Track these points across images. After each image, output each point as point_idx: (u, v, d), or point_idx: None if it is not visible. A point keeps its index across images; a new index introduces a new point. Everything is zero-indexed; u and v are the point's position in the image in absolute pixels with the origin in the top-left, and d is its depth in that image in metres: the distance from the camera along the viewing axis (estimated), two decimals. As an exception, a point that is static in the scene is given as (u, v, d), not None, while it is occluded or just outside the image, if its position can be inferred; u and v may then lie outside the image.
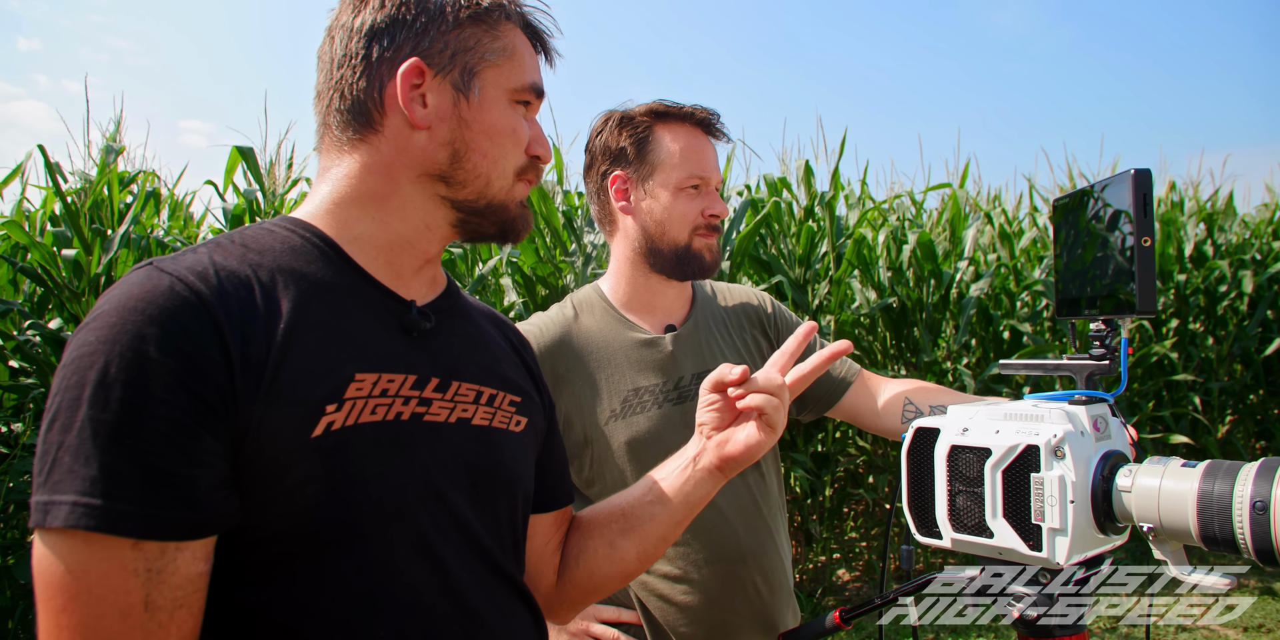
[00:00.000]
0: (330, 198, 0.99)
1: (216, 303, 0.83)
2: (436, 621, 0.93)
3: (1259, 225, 7.87)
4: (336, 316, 0.92)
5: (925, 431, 1.12)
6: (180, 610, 0.79)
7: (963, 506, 1.07)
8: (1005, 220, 6.83)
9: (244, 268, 0.88)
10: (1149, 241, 1.01)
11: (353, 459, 0.88)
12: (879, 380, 1.79)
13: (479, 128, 0.99)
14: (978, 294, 5.57)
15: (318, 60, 1.02)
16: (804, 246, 5.39)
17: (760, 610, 1.62)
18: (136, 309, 0.80)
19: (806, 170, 5.78)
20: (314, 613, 0.86)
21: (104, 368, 0.77)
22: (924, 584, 1.18)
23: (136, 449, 0.76)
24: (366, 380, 0.90)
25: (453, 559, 0.96)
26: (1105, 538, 1.03)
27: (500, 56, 1.00)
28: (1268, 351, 6.86)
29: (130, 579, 0.76)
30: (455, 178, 0.99)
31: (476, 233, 1.04)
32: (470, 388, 1.02)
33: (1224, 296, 6.93)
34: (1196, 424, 6.59)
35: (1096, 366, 1.11)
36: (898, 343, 5.76)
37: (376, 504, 0.89)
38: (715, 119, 1.69)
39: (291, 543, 0.85)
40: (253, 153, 4.61)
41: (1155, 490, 0.97)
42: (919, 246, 5.55)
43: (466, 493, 0.99)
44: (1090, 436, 1.02)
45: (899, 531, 5.16)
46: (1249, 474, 0.91)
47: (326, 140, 1.01)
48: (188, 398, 0.79)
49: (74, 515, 0.74)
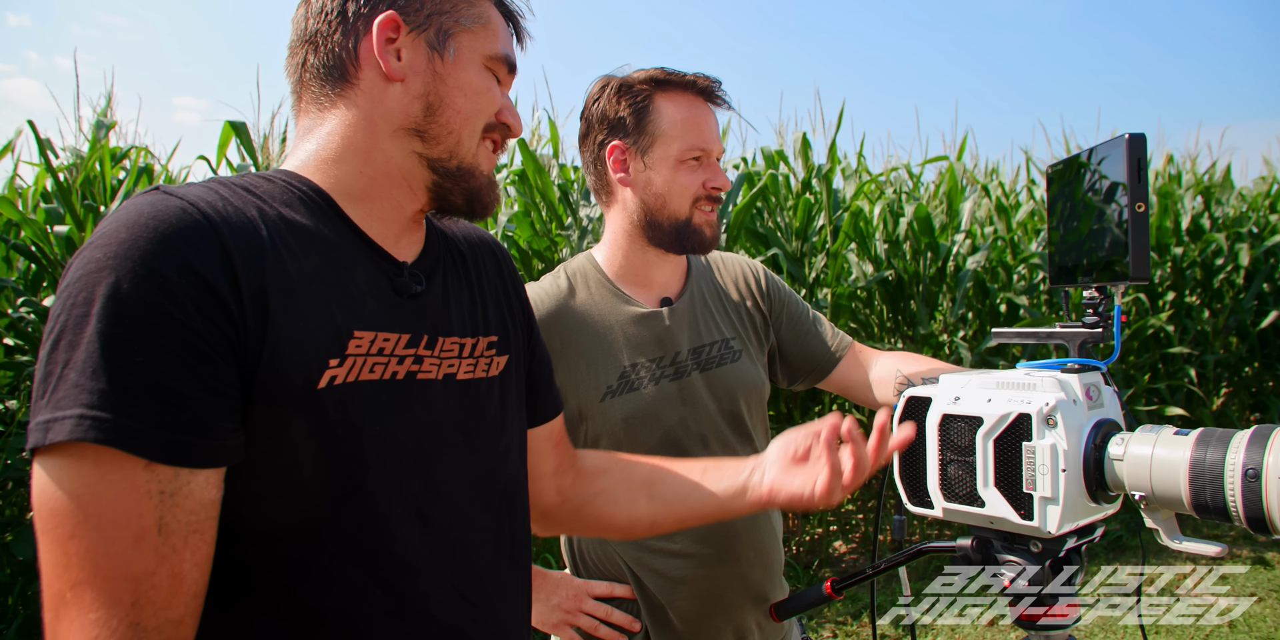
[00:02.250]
0: (317, 154, 0.98)
1: (227, 232, 0.81)
2: (431, 579, 0.93)
3: (1256, 198, 7.85)
4: (334, 270, 0.91)
5: (917, 400, 1.12)
6: (194, 535, 0.76)
7: (954, 476, 1.07)
8: (1002, 193, 6.81)
9: (249, 208, 0.87)
10: (1143, 207, 0.99)
11: (355, 416, 0.87)
12: (871, 352, 1.79)
13: (453, 83, 0.99)
14: (974, 267, 5.56)
15: (292, 24, 1.02)
16: (801, 219, 5.36)
17: (754, 584, 1.62)
18: (149, 226, 0.77)
19: (804, 143, 5.74)
20: (312, 569, 0.85)
21: (115, 283, 0.74)
22: (914, 554, 1.18)
23: (148, 367, 0.73)
24: (364, 338, 0.90)
25: (446, 517, 0.96)
26: (1097, 506, 1.03)
27: (475, 23, 1.01)
28: (1263, 324, 6.87)
29: (143, 501, 0.73)
30: (429, 132, 0.99)
31: (446, 201, 1.04)
32: (454, 342, 1.02)
33: (1220, 269, 6.92)
34: (1192, 396, 6.60)
35: (1089, 334, 1.10)
36: (894, 316, 5.76)
37: (377, 462, 0.89)
38: (717, 87, 1.65)
39: (292, 498, 0.84)
40: (245, 127, 4.56)
41: (1148, 458, 0.96)
42: (916, 219, 5.53)
43: (460, 448, 0.99)
44: (1083, 405, 1.01)
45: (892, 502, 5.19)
46: (1241, 442, 0.91)
47: (304, 99, 1.00)
48: (202, 321, 0.76)
49: (80, 427, 0.71)
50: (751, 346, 1.74)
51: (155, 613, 0.74)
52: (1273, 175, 8.15)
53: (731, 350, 1.69)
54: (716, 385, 1.64)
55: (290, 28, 1.02)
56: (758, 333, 1.77)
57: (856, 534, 5.59)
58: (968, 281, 5.53)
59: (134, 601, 0.73)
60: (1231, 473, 0.90)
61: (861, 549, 5.45)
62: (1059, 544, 1.04)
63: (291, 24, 1.02)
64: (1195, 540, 0.98)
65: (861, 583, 1.24)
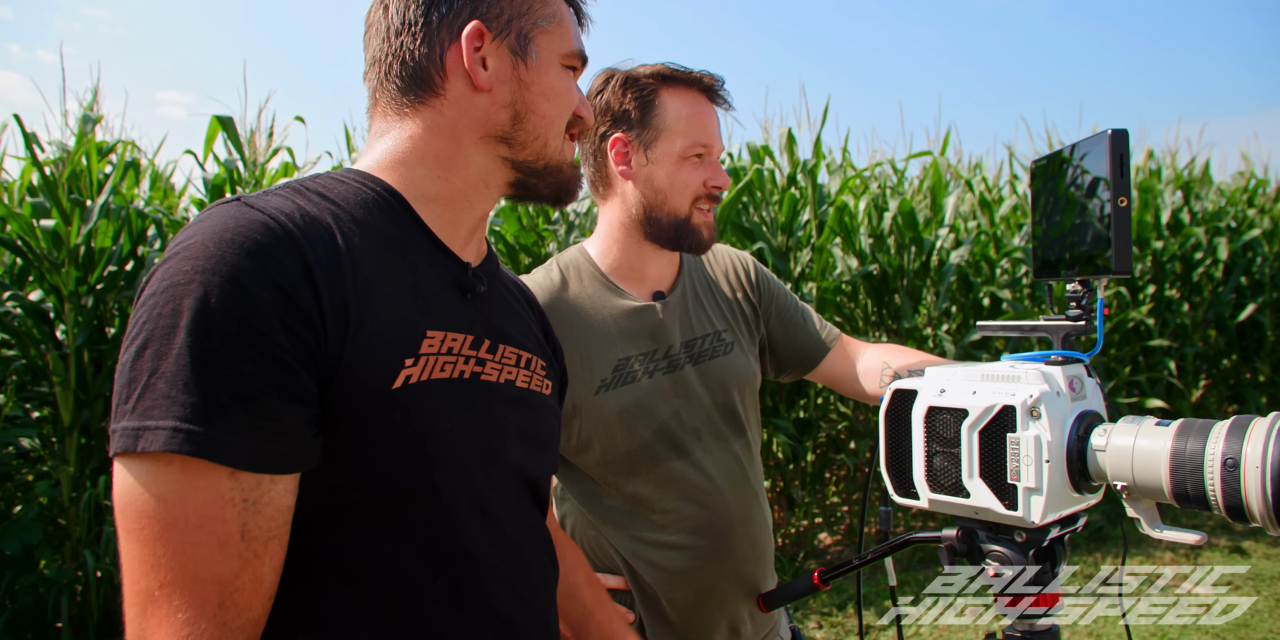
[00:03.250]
0: (393, 156, 1.00)
1: (307, 244, 0.83)
2: (488, 572, 0.96)
3: (1234, 193, 7.94)
4: (407, 271, 0.94)
5: (903, 393, 1.13)
6: (273, 541, 0.80)
7: (940, 467, 1.08)
8: (985, 188, 6.86)
9: (324, 215, 0.89)
10: (1125, 202, 1.01)
11: (427, 414, 0.90)
12: (859, 345, 1.80)
13: (538, 89, 1.02)
14: (958, 261, 5.60)
15: (366, 29, 1.04)
16: (786, 214, 5.38)
17: (748, 576, 1.63)
18: (234, 242, 0.79)
19: (789, 138, 5.76)
20: (377, 560, 0.88)
21: (203, 297, 0.76)
22: (900, 545, 1.20)
23: (236, 380, 0.76)
24: (436, 337, 0.93)
25: (504, 514, 1.00)
26: (1079, 496, 1.04)
27: (550, 22, 1.04)
28: (1241, 317, 6.96)
29: (227, 508, 0.76)
30: (516, 139, 1.02)
31: (532, 193, 1.07)
32: (512, 351, 1.06)
33: (1199, 263, 6.99)
34: (1172, 388, 6.68)
35: (1072, 327, 1.12)
36: (879, 310, 5.79)
37: (447, 458, 0.92)
38: (720, 86, 1.67)
39: (364, 491, 0.86)
40: (232, 122, 4.54)
41: (1130, 449, 0.98)
42: (900, 214, 5.56)
43: (516, 451, 1.03)
44: (1066, 396, 1.03)
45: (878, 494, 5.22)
46: (1221, 432, 0.92)
47: (382, 104, 1.02)
48: (286, 334, 0.79)
49: (175, 440, 0.73)
50: (743, 338, 1.75)
51: (239, 613, 0.77)
52: (1250, 170, 8.24)
53: (724, 342, 1.70)
54: (710, 378, 1.65)
55: (368, 29, 1.04)
56: (749, 324, 1.78)
57: (841, 526, 5.62)
58: (951, 276, 5.57)
59: (220, 603, 0.76)
60: (1211, 462, 0.91)
61: (846, 541, 5.48)
62: (1043, 534, 1.06)
63: (366, 27, 1.04)
64: (1175, 529, 0.99)
65: (848, 573, 1.25)
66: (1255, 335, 7.36)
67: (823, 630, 4.18)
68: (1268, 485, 0.88)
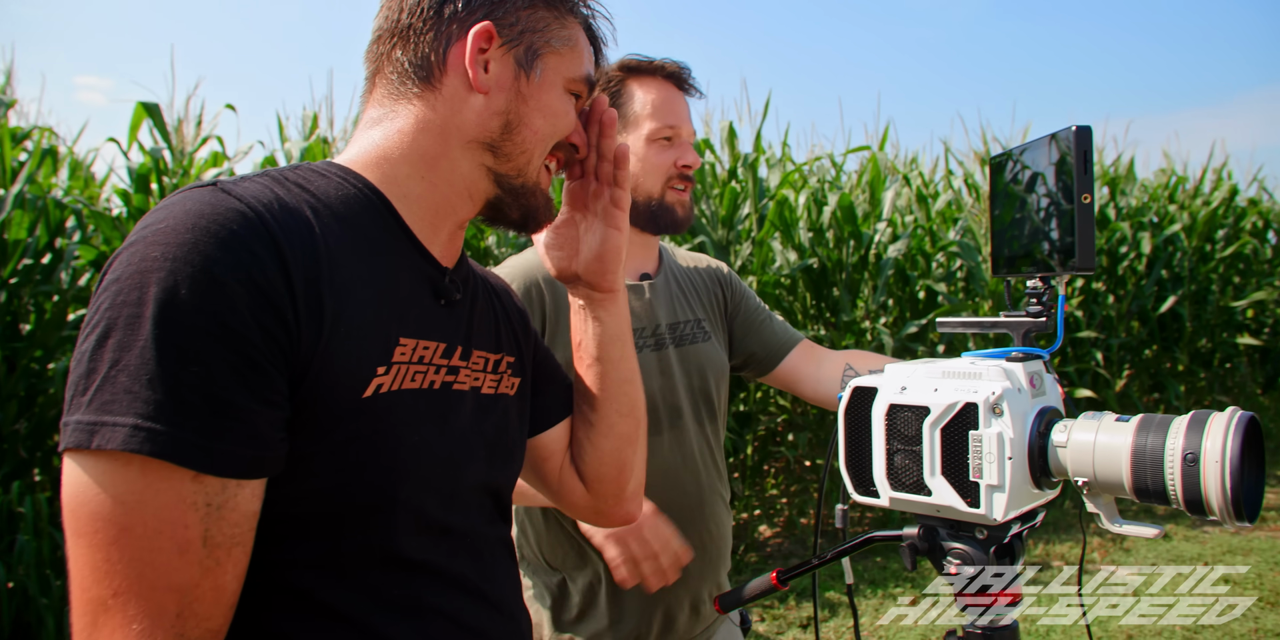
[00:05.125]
0: (379, 151, 0.97)
1: (284, 238, 0.79)
2: (447, 585, 0.94)
3: (1156, 189, 8.21)
4: (384, 274, 0.90)
5: (863, 390, 1.12)
6: (236, 548, 0.76)
7: (901, 465, 1.07)
8: (922, 182, 6.96)
9: (303, 208, 0.85)
10: (1089, 198, 1.01)
11: (395, 426, 0.87)
12: (824, 351, 1.86)
13: (534, 104, 0.99)
14: (895, 255, 5.67)
15: (382, 9, 1.00)
16: (727, 208, 5.39)
17: (711, 553, 1.68)
18: (208, 229, 0.75)
19: (730, 132, 5.78)
20: (336, 572, 0.84)
21: (173, 287, 0.72)
22: (861, 544, 1.19)
23: (204, 377, 0.72)
24: (408, 345, 0.90)
25: (464, 526, 0.97)
26: (1040, 493, 1.04)
27: (564, 45, 1.02)
28: (1162, 309, 7.21)
29: (189, 513, 0.72)
30: (503, 150, 0.99)
31: (500, 214, 1.04)
32: (481, 355, 1.04)
33: (1124, 257, 7.20)
34: (1098, 378, 6.87)
35: (1033, 324, 1.11)
36: (818, 303, 5.84)
37: (413, 471, 0.89)
38: (687, 73, 1.72)
39: (325, 502, 0.83)
40: (158, 109, 4.38)
41: (1090, 445, 0.98)
42: (839, 208, 5.62)
43: (482, 464, 1.01)
44: (1027, 393, 1.02)
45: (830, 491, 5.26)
46: (1180, 427, 0.93)
47: (378, 88, 0.99)
48: (259, 332, 0.75)
49: (135, 439, 0.69)
50: (719, 330, 1.82)
51: (198, 624, 0.74)
52: (1171, 168, 8.53)
53: (704, 330, 1.76)
54: (689, 361, 1.70)
55: (379, 13, 1.00)
56: (723, 318, 1.85)
57: (781, 519, 5.67)
58: (889, 269, 5.64)
59: (179, 613, 0.72)
60: (1171, 457, 0.92)
61: (786, 533, 5.53)
62: (1004, 531, 1.05)
63: (380, 11, 1.00)
64: (1134, 523, 1.00)
65: (806, 573, 1.24)
66: (1175, 327, 7.63)
67: (765, 623, 4.20)
68: (1227, 479, 0.89)
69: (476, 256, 4.71)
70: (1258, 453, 0.94)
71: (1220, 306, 7.84)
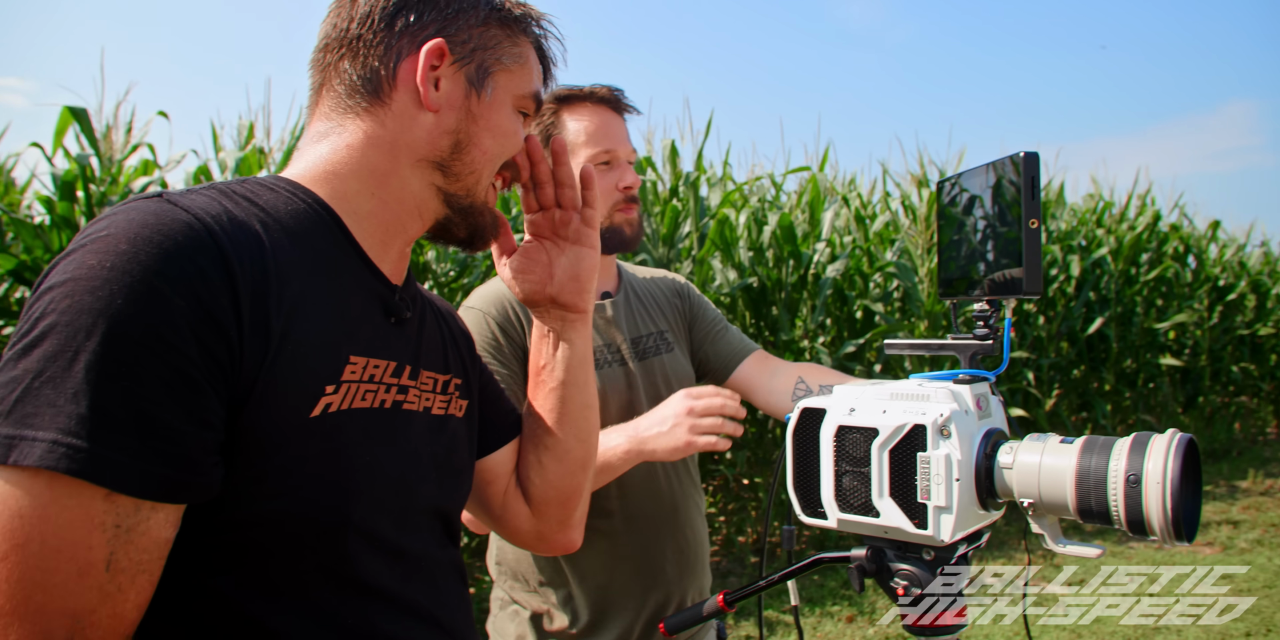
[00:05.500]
0: (328, 166, 0.94)
1: (232, 252, 0.76)
2: (400, 609, 0.91)
3: (1084, 214, 8.47)
4: (334, 292, 0.88)
5: (811, 412, 1.12)
6: (141, 575, 0.72)
7: (849, 486, 1.07)
8: (860, 204, 7.07)
9: (252, 222, 0.82)
10: (1036, 223, 1.02)
11: (346, 446, 0.84)
12: (779, 362, 1.88)
13: (484, 124, 0.99)
14: (834, 275, 5.74)
15: (329, 18, 0.98)
16: (668, 226, 5.41)
17: (691, 563, 1.71)
18: (152, 240, 0.72)
19: (672, 151, 5.81)
20: (284, 601, 0.81)
21: (108, 297, 0.68)
22: (809, 565, 1.18)
23: (133, 393, 0.68)
24: (359, 364, 0.88)
25: (418, 549, 0.95)
26: (985, 514, 1.05)
27: (515, 62, 1.02)
28: (1090, 330, 7.41)
29: (95, 534, 0.68)
30: (452, 169, 0.98)
31: (446, 233, 1.03)
32: (430, 376, 1.02)
33: (1054, 279, 7.40)
34: (1029, 397, 7.03)
35: (980, 346, 1.13)
36: (757, 322, 5.88)
37: (365, 492, 0.86)
38: (621, 95, 1.74)
39: (272, 527, 0.79)
40: (86, 114, 4.23)
41: (1036, 466, 0.99)
42: (779, 228, 5.67)
43: (432, 486, 0.99)
44: (974, 415, 1.03)
45: (766, 510, 5.26)
46: (1123, 449, 0.94)
47: (325, 101, 0.97)
48: (197, 348, 0.72)
49: (53, 456, 0.66)
50: (681, 341, 1.85)
51: None
52: (1099, 193, 8.82)
53: (666, 342, 1.79)
54: (654, 373, 1.73)
55: (326, 20, 0.98)
56: (685, 327, 1.88)
57: (719, 537, 5.67)
58: (828, 289, 5.71)
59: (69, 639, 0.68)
60: (1114, 479, 0.93)
61: (724, 551, 5.53)
62: (951, 551, 1.06)
63: (327, 18, 0.98)
64: (1078, 544, 1.01)
65: (753, 594, 1.23)
66: (1102, 347, 7.85)
67: None
68: (1167, 500, 0.90)
69: (416, 271, 4.65)
70: (1195, 474, 0.96)
71: (1144, 328, 8.10)
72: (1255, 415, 9.73)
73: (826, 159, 6.82)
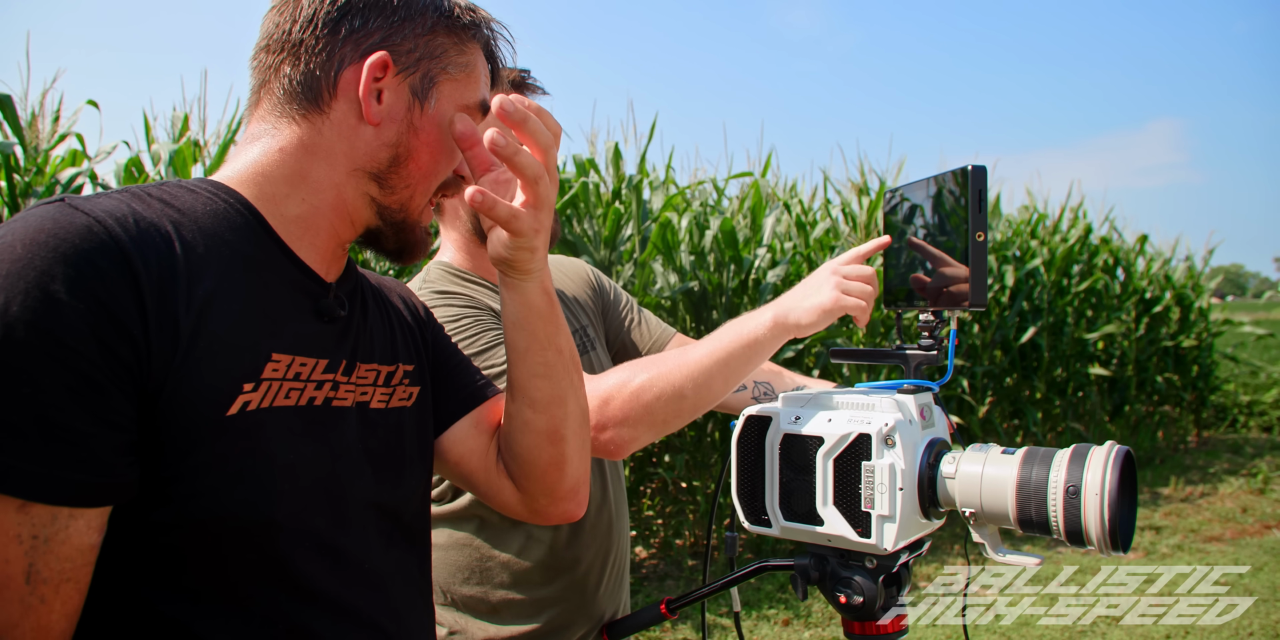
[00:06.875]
0: (258, 168, 0.91)
1: (135, 251, 0.74)
2: (344, 616, 0.89)
3: (1019, 225, 8.65)
4: (256, 290, 0.86)
5: (757, 419, 1.12)
6: (66, 584, 0.70)
7: (794, 494, 1.07)
8: (801, 210, 7.14)
9: (164, 223, 0.80)
10: (983, 236, 1.03)
11: (266, 444, 0.82)
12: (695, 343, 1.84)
13: (425, 137, 0.95)
14: (775, 280, 5.79)
15: (269, 18, 0.94)
16: (610, 228, 5.40)
17: (622, 571, 1.68)
18: (46, 244, 0.70)
19: (615, 153, 5.80)
20: (216, 608, 0.79)
21: (3, 304, 0.67)
22: (752, 572, 1.18)
23: (35, 399, 0.67)
24: (282, 362, 0.86)
25: (358, 550, 0.92)
26: (928, 522, 1.06)
27: (460, 71, 0.98)
28: (1023, 340, 7.58)
29: (11, 546, 0.67)
30: (388, 182, 0.95)
31: (375, 242, 1.00)
32: (371, 369, 0.99)
33: (989, 289, 7.56)
34: (963, 404, 7.16)
35: (924, 356, 1.14)
36: (697, 325, 5.89)
37: (289, 492, 0.83)
38: (526, 76, 1.67)
39: (193, 529, 0.77)
40: (10, 101, 4.08)
41: (978, 476, 1.00)
42: (721, 233, 5.69)
43: (369, 482, 0.95)
44: (918, 425, 1.04)
45: (705, 514, 5.28)
46: (1063, 460, 0.96)
47: (265, 102, 0.93)
48: (98, 349, 0.70)
49: None
50: (600, 335, 1.82)
51: None
52: (1033, 204, 9.02)
53: (589, 338, 1.75)
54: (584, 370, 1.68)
55: (268, 16, 0.94)
56: (601, 320, 1.86)
57: (656, 540, 5.67)
58: (768, 294, 5.75)
59: None
60: (1054, 490, 0.95)
61: (661, 555, 5.53)
62: (893, 560, 1.07)
63: (269, 14, 0.94)
64: (1016, 553, 1.02)
65: (695, 601, 1.23)
66: (1034, 356, 8.03)
67: (640, 646, 4.18)
68: (1105, 511, 0.92)
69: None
70: (1131, 486, 0.98)
71: (1075, 338, 8.32)
72: (1177, 424, 10.05)
73: (769, 165, 6.87)
